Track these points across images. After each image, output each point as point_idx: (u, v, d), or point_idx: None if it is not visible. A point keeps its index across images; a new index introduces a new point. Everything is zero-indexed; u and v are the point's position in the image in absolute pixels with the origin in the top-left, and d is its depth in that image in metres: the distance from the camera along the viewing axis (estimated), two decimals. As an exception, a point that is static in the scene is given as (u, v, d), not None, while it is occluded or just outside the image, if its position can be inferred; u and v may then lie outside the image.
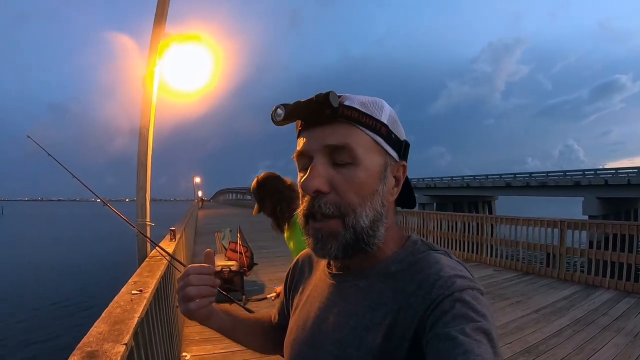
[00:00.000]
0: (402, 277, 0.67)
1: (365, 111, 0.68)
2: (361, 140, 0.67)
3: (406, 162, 0.74)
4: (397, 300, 0.65)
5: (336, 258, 0.70)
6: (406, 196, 0.79)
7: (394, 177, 0.72)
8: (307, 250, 0.92)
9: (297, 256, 0.97)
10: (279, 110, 0.70)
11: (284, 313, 0.98)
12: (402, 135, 0.74)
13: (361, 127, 0.67)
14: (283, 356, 0.88)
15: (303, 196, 0.70)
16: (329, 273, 0.80)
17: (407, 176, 0.75)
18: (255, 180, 2.48)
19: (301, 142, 0.71)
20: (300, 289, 0.89)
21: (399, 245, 0.74)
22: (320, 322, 0.75)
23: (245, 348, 1.02)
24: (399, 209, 0.79)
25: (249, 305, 5.17)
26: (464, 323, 0.54)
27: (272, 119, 0.70)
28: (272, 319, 1.04)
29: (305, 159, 0.71)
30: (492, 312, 0.58)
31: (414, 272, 0.67)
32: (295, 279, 0.93)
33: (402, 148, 0.73)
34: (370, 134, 0.67)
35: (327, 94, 0.64)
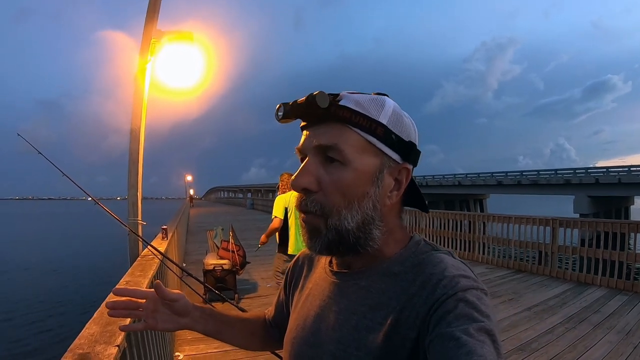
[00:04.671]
0: (405, 277, 0.67)
1: (360, 111, 0.66)
2: (352, 141, 0.66)
3: (412, 164, 0.71)
4: (399, 300, 0.64)
5: (321, 254, 0.71)
6: (415, 198, 0.77)
7: (396, 179, 0.70)
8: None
9: (298, 254, 0.97)
10: (281, 109, 0.70)
11: (282, 310, 0.97)
12: (409, 136, 0.70)
13: (353, 128, 0.66)
14: (274, 352, 0.87)
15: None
16: (330, 271, 0.80)
17: (412, 179, 0.72)
18: None
19: (301, 138, 0.71)
20: (300, 286, 0.89)
21: (401, 245, 0.73)
22: (320, 320, 0.75)
23: (238, 348, 1.01)
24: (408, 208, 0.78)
25: (241, 304, 5.15)
26: (468, 323, 0.54)
27: (275, 116, 0.71)
28: (268, 315, 1.03)
29: (302, 156, 0.71)
30: (495, 312, 0.58)
31: (416, 272, 0.66)
32: (295, 276, 0.93)
33: (406, 149, 0.70)
34: (363, 134, 0.66)
35: (314, 95, 0.64)
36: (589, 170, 34.80)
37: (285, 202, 4.73)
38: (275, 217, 4.74)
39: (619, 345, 3.93)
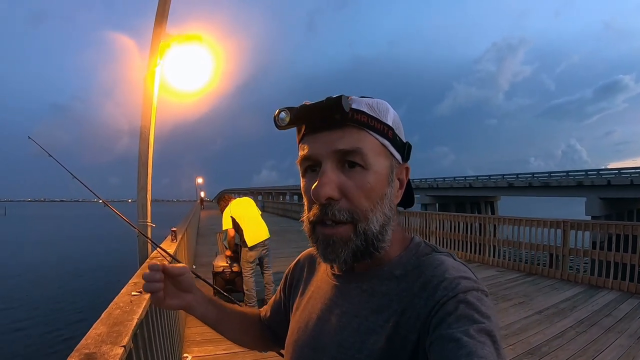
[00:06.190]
0: (406, 279, 0.67)
1: (374, 115, 0.67)
2: (371, 144, 0.66)
3: (408, 163, 0.74)
4: (401, 303, 0.64)
5: (346, 263, 0.68)
6: (407, 197, 0.78)
7: (398, 179, 0.72)
8: (308, 250, 0.91)
9: (299, 256, 0.96)
10: (283, 114, 0.68)
11: (278, 310, 0.97)
12: (405, 137, 0.73)
13: (370, 132, 0.66)
14: (279, 353, 0.87)
15: (312, 203, 0.68)
16: (332, 274, 0.79)
17: (409, 178, 0.75)
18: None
19: (306, 146, 0.68)
20: (301, 289, 0.88)
21: (402, 247, 0.73)
22: (322, 323, 0.75)
23: (246, 349, 1.01)
24: (400, 209, 0.78)
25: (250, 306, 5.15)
26: (468, 324, 0.54)
27: (275, 122, 0.68)
28: (263, 314, 1.03)
29: (312, 164, 0.69)
30: (496, 314, 0.58)
31: (417, 274, 0.66)
32: (295, 279, 0.92)
33: (405, 150, 0.73)
34: (379, 137, 0.67)
35: (339, 98, 0.62)
36: (600, 172, 34.40)
37: (229, 213, 5.65)
38: (228, 229, 5.72)
39: (631, 350, 3.88)
